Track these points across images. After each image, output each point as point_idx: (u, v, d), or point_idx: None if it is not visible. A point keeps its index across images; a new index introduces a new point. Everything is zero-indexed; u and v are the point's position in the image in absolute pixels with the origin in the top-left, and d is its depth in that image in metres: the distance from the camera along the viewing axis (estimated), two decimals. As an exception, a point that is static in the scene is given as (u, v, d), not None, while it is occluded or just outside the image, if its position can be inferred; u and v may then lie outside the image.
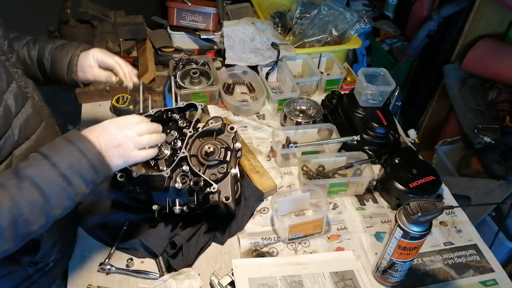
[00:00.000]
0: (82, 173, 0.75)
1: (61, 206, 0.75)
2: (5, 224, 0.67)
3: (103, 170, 0.79)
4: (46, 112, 0.96)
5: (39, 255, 0.93)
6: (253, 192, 1.22)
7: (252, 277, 1.02)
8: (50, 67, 1.05)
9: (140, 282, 1.04)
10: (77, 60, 1.05)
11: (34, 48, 1.05)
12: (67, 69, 1.04)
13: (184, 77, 1.56)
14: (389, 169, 1.25)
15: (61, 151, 0.74)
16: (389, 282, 1.05)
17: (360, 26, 1.75)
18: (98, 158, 0.77)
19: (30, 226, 0.71)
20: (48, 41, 1.07)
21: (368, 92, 1.39)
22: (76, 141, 0.76)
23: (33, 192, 0.70)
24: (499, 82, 1.99)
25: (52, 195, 0.72)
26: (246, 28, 1.70)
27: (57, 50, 1.05)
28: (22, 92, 0.84)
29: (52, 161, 0.73)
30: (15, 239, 0.70)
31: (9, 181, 0.70)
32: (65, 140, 0.76)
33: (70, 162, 0.73)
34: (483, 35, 2.05)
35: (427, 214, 0.85)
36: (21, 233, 0.70)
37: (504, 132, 1.84)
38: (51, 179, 0.72)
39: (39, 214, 0.71)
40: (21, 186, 0.70)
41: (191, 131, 1.08)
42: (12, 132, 0.79)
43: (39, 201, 0.71)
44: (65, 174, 0.73)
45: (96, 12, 1.70)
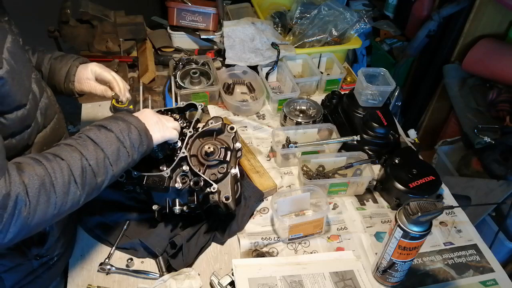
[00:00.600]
0: (132, 138, 0.88)
1: (118, 164, 0.86)
2: (78, 171, 0.78)
3: (147, 140, 0.91)
4: (57, 107, 1.02)
5: (45, 247, 0.97)
6: (253, 192, 1.22)
7: (252, 277, 1.02)
8: (48, 75, 1.09)
9: (140, 282, 1.04)
10: (75, 70, 1.10)
11: (33, 57, 1.09)
12: (64, 79, 1.09)
13: (184, 77, 1.56)
14: (389, 169, 1.25)
15: (113, 122, 0.88)
16: (389, 282, 1.05)
17: (360, 26, 1.75)
18: (142, 128, 0.91)
19: (95, 177, 0.81)
20: (47, 51, 1.12)
21: (368, 92, 1.39)
22: (125, 116, 0.91)
23: (95, 148, 0.82)
24: (499, 82, 1.99)
25: (111, 153, 0.84)
26: (246, 28, 1.70)
27: (56, 60, 1.10)
28: (40, 83, 0.93)
29: (108, 128, 0.86)
30: (85, 188, 0.79)
31: (74, 141, 0.82)
32: (113, 117, 0.90)
33: (122, 129, 0.87)
34: (483, 35, 2.05)
35: (427, 214, 0.85)
36: (89, 182, 0.80)
37: (504, 132, 1.84)
38: (109, 140, 0.84)
39: (102, 167, 0.82)
40: (85, 144, 0.82)
41: (191, 131, 1.08)
42: (37, 117, 0.88)
43: (101, 156, 0.82)
44: (119, 137, 0.86)
45: (96, 12, 1.70)
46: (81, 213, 1.15)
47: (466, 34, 2.05)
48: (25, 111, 0.82)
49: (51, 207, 0.74)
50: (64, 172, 0.76)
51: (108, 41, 1.69)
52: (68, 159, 0.78)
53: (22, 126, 0.83)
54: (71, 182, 0.77)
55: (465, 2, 1.98)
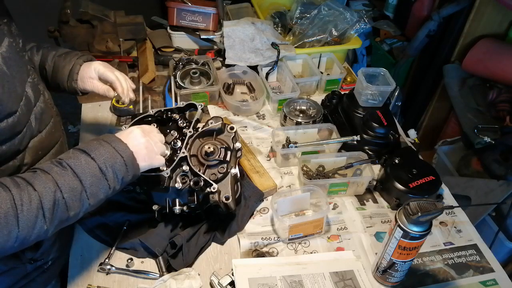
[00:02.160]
0: (115, 168, 0.82)
1: (96, 197, 0.81)
2: (49, 205, 0.73)
3: (133, 169, 0.86)
4: (54, 110, 1.00)
5: (40, 252, 0.95)
6: (253, 192, 1.22)
7: (252, 277, 1.02)
8: (52, 73, 1.07)
9: (140, 282, 1.04)
10: (78, 69, 1.07)
11: (37, 54, 1.07)
12: (67, 77, 1.06)
13: (184, 77, 1.56)
14: (389, 169, 1.25)
15: (98, 148, 0.82)
16: (389, 282, 1.05)
17: (360, 26, 1.75)
18: (129, 157, 0.85)
19: (68, 211, 0.77)
20: (51, 48, 1.09)
21: (368, 92, 1.39)
22: (112, 141, 0.84)
23: (74, 179, 0.77)
24: (499, 82, 1.99)
25: (90, 185, 0.79)
26: (246, 28, 1.70)
27: (60, 58, 1.07)
28: (37, 87, 0.90)
29: (91, 156, 0.80)
30: (54, 222, 0.75)
31: (53, 168, 0.77)
32: (101, 140, 0.84)
33: (106, 158, 0.81)
34: (483, 35, 2.05)
35: (427, 214, 0.85)
36: (59, 216, 0.76)
37: (504, 132, 1.84)
38: (90, 170, 0.79)
39: (77, 200, 0.78)
40: (64, 173, 0.77)
41: (191, 131, 1.08)
42: (30, 123, 0.85)
43: (78, 189, 0.78)
44: (102, 168, 0.80)
45: (96, 12, 1.70)
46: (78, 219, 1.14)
47: (466, 34, 2.05)
48: (15, 118, 0.79)
49: (11, 240, 0.70)
50: (32, 205, 0.71)
51: (108, 41, 1.69)
52: (41, 190, 0.73)
53: (12, 133, 0.80)
54: (38, 216, 0.72)
55: (465, 2, 1.98)
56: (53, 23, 1.67)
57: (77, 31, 1.68)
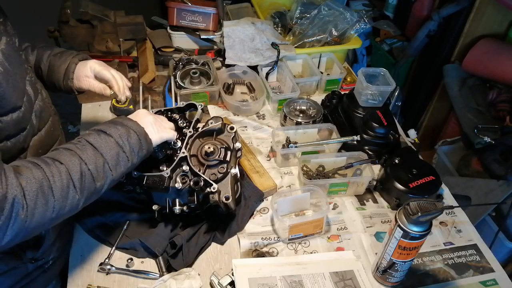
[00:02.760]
0: (131, 142, 0.87)
1: (118, 169, 0.85)
2: (77, 175, 0.77)
3: (146, 143, 0.91)
4: (52, 109, 1.01)
5: (40, 251, 0.96)
6: (253, 192, 1.22)
7: (252, 277, 1.02)
8: (47, 72, 1.07)
9: (140, 282, 1.04)
10: (74, 68, 1.07)
11: (32, 54, 1.07)
12: (63, 76, 1.07)
13: (184, 77, 1.56)
14: (389, 169, 1.25)
15: (112, 127, 0.87)
16: (389, 282, 1.05)
17: (360, 26, 1.75)
18: (141, 132, 0.90)
19: (95, 182, 0.81)
20: (46, 48, 1.10)
21: (368, 92, 1.39)
22: (123, 120, 0.90)
23: (95, 153, 0.82)
24: (499, 82, 1.99)
25: (110, 157, 0.83)
26: (246, 28, 1.70)
27: (56, 57, 1.07)
28: (35, 85, 0.91)
29: (107, 133, 0.85)
30: (83, 192, 0.79)
31: (73, 145, 0.81)
32: (112, 122, 0.89)
33: (121, 133, 0.87)
34: (483, 35, 2.05)
35: (427, 214, 0.85)
36: (88, 186, 0.80)
37: (504, 132, 1.84)
38: (108, 145, 0.84)
39: (102, 172, 0.82)
40: (85, 148, 0.81)
41: (191, 131, 1.08)
42: (32, 120, 0.87)
43: (100, 161, 0.82)
44: (119, 142, 0.85)
45: (96, 12, 1.70)
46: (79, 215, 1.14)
47: (466, 34, 2.05)
48: (20, 113, 0.81)
49: (49, 210, 0.73)
50: (62, 176, 0.75)
51: (108, 41, 1.69)
52: (67, 163, 0.77)
53: (17, 129, 0.82)
54: (69, 186, 0.76)
55: (465, 2, 1.98)
56: (53, 23, 1.67)
57: (77, 31, 1.68)
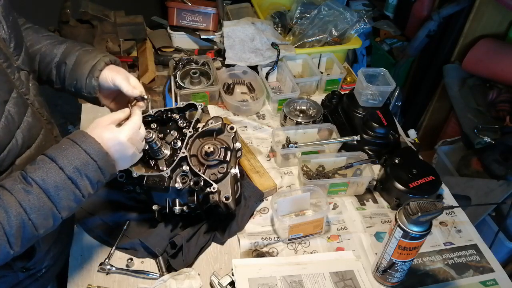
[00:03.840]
0: (88, 174, 0.75)
1: (68, 208, 0.75)
2: (13, 230, 0.68)
3: (109, 170, 0.80)
4: (45, 119, 0.91)
5: (32, 261, 0.92)
6: (253, 192, 1.22)
7: (252, 277, 1.02)
8: (73, 66, 0.96)
9: (140, 282, 1.04)
10: (103, 66, 0.96)
11: (60, 46, 0.98)
12: (88, 72, 0.95)
13: (184, 77, 1.56)
14: (389, 169, 1.25)
15: (68, 154, 0.74)
16: (389, 282, 1.05)
17: (360, 26, 1.75)
18: (104, 159, 0.78)
19: (37, 230, 0.71)
20: (78, 44, 1.01)
21: (368, 92, 1.39)
22: (82, 142, 0.76)
23: (41, 196, 0.71)
24: (499, 82, 1.99)
25: (60, 199, 0.72)
26: (246, 28, 1.70)
27: (86, 52, 0.98)
28: (23, 100, 0.81)
29: (59, 165, 0.73)
30: (22, 244, 0.70)
31: (16, 185, 0.70)
32: (72, 141, 0.77)
33: (77, 165, 0.74)
34: (483, 35, 2.05)
35: (427, 214, 0.85)
36: (27, 237, 0.71)
37: (504, 132, 1.84)
38: (59, 183, 0.72)
39: (47, 217, 0.72)
40: (29, 190, 0.70)
41: (191, 131, 1.08)
42: (16, 142, 0.77)
43: (47, 206, 0.71)
44: (72, 177, 0.73)
45: (96, 12, 1.70)
46: (79, 215, 1.15)
47: (466, 34, 2.05)
48: None
49: None
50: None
51: (108, 41, 1.69)
52: (2, 216, 0.67)
53: None
54: (2, 243, 0.67)
55: (465, 2, 1.98)
56: (53, 23, 1.67)
57: (77, 31, 1.68)
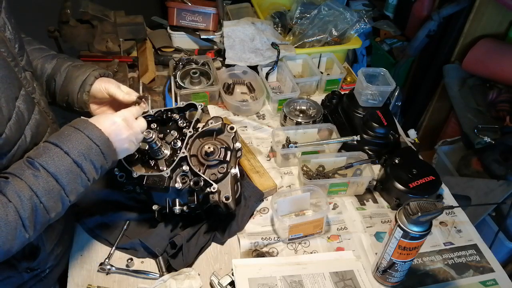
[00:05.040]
0: (92, 159, 0.78)
1: (76, 192, 0.78)
2: (26, 213, 0.70)
3: (111, 155, 0.83)
4: (50, 118, 0.93)
5: (37, 261, 0.93)
6: (253, 192, 1.22)
7: (252, 277, 1.02)
8: (63, 82, 1.00)
9: (140, 282, 1.04)
10: (93, 80, 0.99)
11: (51, 62, 1.01)
12: (79, 87, 0.99)
13: (184, 77, 1.56)
14: (389, 169, 1.25)
15: (71, 139, 0.77)
16: (389, 282, 1.05)
17: (360, 26, 1.76)
18: (106, 144, 0.81)
19: (48, 214, 0.74)
20: (68, 59, 1.04)
21: (368, 92, 1.39)
22: (85, 128, 0.79)
23: (49, 180, 0.73)
24: (499, 82, 1.99)
25: (67, 182, 0.75)
26: (246, 28, 1.70)
27: (75, 68, 1.01)
28: (30, 98, 0.83)
29: (64, 149, 0.75)
30: (35, 227, 0.72)
31: (25, 171, 0.72)
32: (73, 127, 0.79)
33: (81, 149, 0.77)
34: (483, 35, 2.05)
35: (427, 214, 0.85)
36: (40, 220, 0.73)
37: (504, 132, 1.84)
38: (65, 167, 0.75)
39: (56, 201, 0.75)
40: (37, 175, 0.72)
41: (191, 131, 1.08)
42: (25, 138, 0.79)
43: (56, 189, 0.74)
44: (77, 161, 0.76)
45: (96, 12, 1.70)
46: (79, 215, 1.15)
47: (466, 34, 2.05)
48: (0, 141, 0.72)
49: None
50: (9, 217, 0.68)
51: (108, 41, 1.69)
52: (16, 201, 0.69)
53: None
54: (18, 228, 0.69)
55: (465, 2, 1.98)
56: (53, 23, 1.67)
57: (77, 31, 1.68)
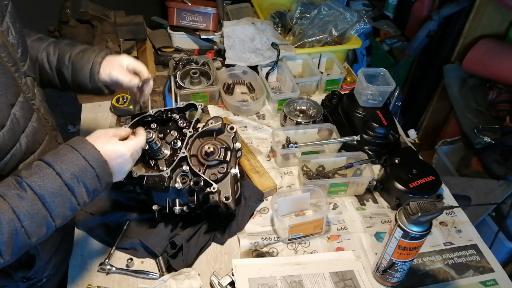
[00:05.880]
0: (86, 182, 0.74)
1: (63, 216, 0.73)
2: (4, 238, 0.65)
3: (106, 179, 0.78)
4: (50, 125, 0.92)
5: (33, 271, 0.91)
6: (253, 192, 1.22)
7: (252, 277, 1.02)
8: (72, 76, 0.99)
9: (140, 282, 1.04)
10: (98, 68, 0.99)
11: (54, 54, 1.00)
12: (89, 78, 0.99)
13: (184, 77, 1.56)
14: (389, 169, 1.25)
15: (66, 159, 0.72)
16: (389, 282, 1.05)
17: (360, 26, 1.75)
18: (102, 167, 0.76)
19: (29, 238, 0.69)
20: (68, 46, 1.01)
21: (368, 92, 1.39)
22: (82, 148, 0.75)
23: (35, 203, 0.68)
24: (499, 82, 1.99)
25: (55, 206, 0.70)
26: (246, 28, 1.70)
27: (77, 57, 0.99)
28: (29, 105, 0.81)
29: (57, 170, 0.71)
30: (13, 252, 0.67)
31: (10, 191, 0.67)
32: (71, 147, 0.75)
33: (75, 171, 0.72)
34: (483, 35, 2.05)
35: (427, 214, 0.85)
36: (19, 245, 0.68)
37: (504, 132, 1.84)
38: (55, 189, 0.70)
39: (40, 225, 0.69)
40: (23, 196, 0.67)
41: (191, 131, 1.08)
42: (20, 146, 0.76)
43: (41, 213, 0.69)
44: (69, 184, 0.71)
45: (96, 12, 1.70)
46: (79, 215, 1.15)
47: (466, 34, 2.05)
48: None
49: None
50: None
51: (108, 41, 1.69)
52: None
53: None
54: None
55: (465, 2, 1.98)
56: (53, 23, 1.67)
57: (77, 31, 1.68)
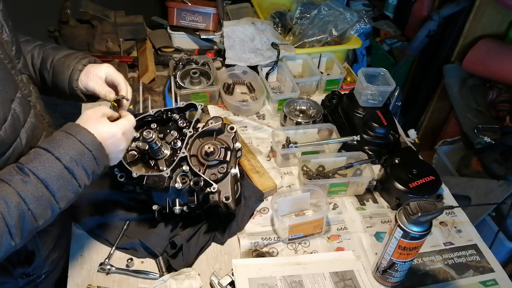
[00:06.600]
0: (84, 164, 0.76)
1: (66, 199, 0.76)
2: (13, 221, 0.68)
3: (104, 160, 0.81)
4: (46, 122, 0.93)
5: (32, 267, 0.92)
6: (253, 192, 1.22)
7: (252, 277, 1.02)
8: (52, 80, 1.00)
9: (140, 282, 1.04)
10: (78, 75, 0.98)
11: (38, 57, 1.00)
12: (68, 84, 0.98)
13: (184, 77, 1.56)
14: (389, 169, 1.25)
15: (63, 144, 0.75)
16: (389, 282, 1.05)
17: (360, 26, 1.75)
18: (98, 149, 0.79)
19: (36, 221, 0.72)
20: (52, 50, 1.02)
21: (368, 92, 1.39)
22: (77, 133, 0.77)
23: (38, 187, 0.71)
24: (499, 82, 1.99)
25: (57, 189, 0.73)
26: (246, 28, 1.70)
27: (59, 62, 0.99)
28: (27, 101, 0.83)
29: (55, 155, 0.73)
30: (22, 235, 0.70)
31: (13, 176, 0.70)
32: (65, 132, 0.77)
33: (73, 155, 0.75)
34: (483, 35, 2.05)
35: (427, 214, 0.85)
36: (27, 228, 0.71)
37: (504, 132, 1.84)
38: (56, 173, 0.73)
39: (45, 208, 0.72)
40: (26, 181, 0.70)
41: (191, 131, 1.08)
42: (20, 141, 0.78)
43: (45, 196, 0.72)
44: (69, 167, 0.74)
45: (96, 12, 1.71)
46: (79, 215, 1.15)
47: (466, 34, 2.05)
48: None
49: None
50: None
51: (108, 41, 1.69)
52: (2, 207, 0.67)
53: None
54: (3, 235, 0.67)
55: (465, 2, 1.98)
56: (53, 23, 1.68)
57: (77, 31, 1.69)
